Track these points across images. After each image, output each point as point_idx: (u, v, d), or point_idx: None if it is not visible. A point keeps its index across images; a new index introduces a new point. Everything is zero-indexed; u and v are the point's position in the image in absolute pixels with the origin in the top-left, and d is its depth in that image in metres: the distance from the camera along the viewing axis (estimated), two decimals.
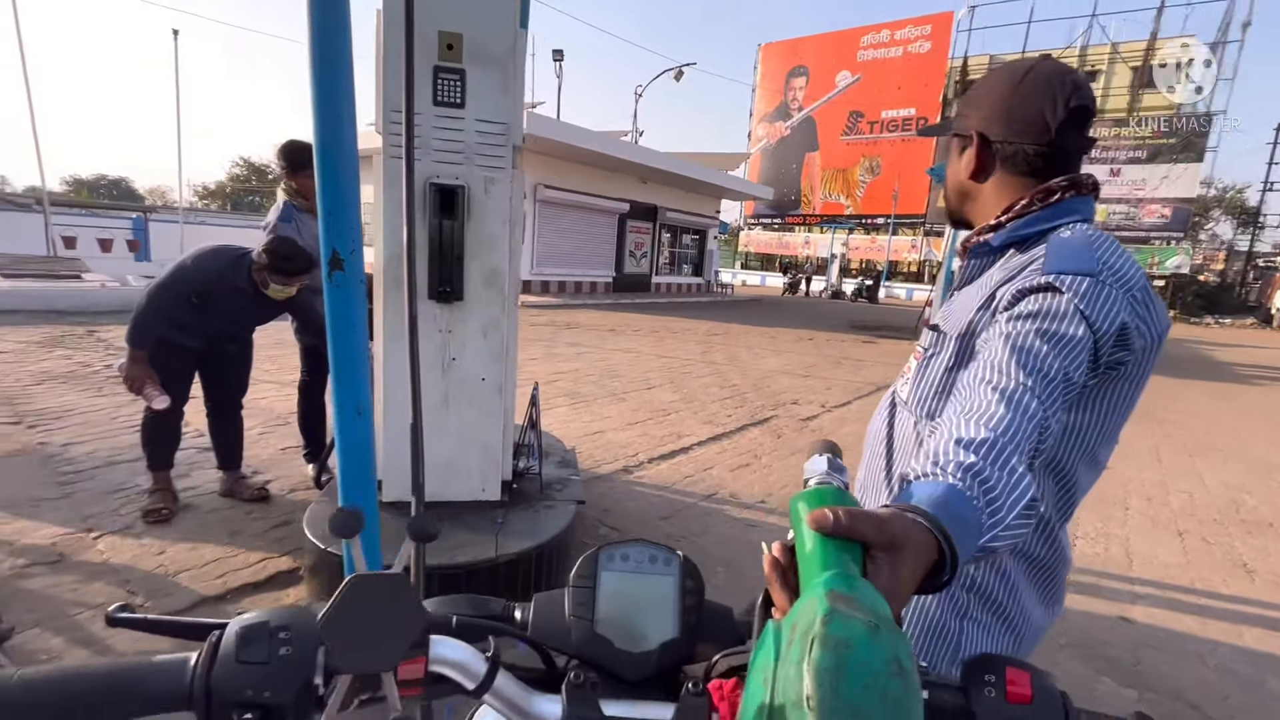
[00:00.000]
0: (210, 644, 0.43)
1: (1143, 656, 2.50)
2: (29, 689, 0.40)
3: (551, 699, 0.51)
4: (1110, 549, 3.49)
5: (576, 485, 2.97)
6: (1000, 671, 0.44)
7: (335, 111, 1.43)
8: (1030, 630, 0.93)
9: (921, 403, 0.94)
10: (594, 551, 0.57)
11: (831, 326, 14.85)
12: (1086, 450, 0.85)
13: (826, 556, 0.42)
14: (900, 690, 0.31)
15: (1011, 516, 0.57)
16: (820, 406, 6.43)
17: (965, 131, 0.94)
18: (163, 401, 2.76)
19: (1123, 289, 0.76)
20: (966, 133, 0.94)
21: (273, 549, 2.74)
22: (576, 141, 14.65)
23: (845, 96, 35.60)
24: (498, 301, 2.43)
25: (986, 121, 0.91)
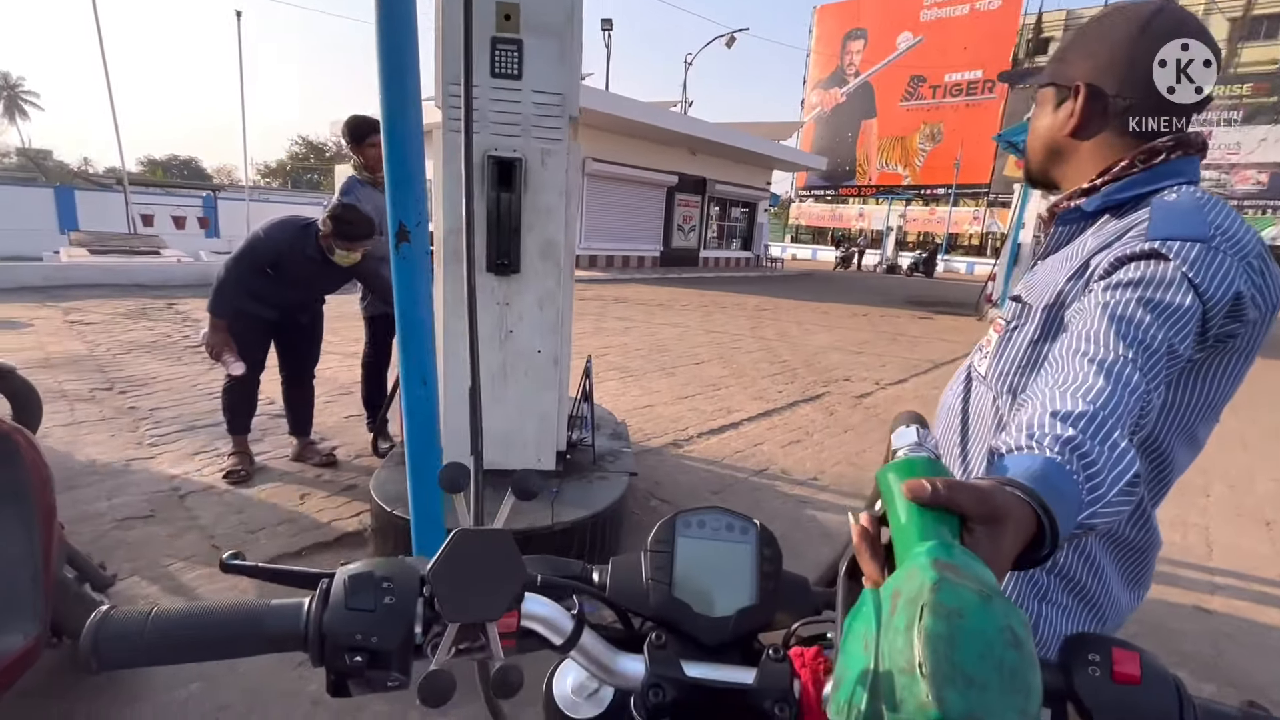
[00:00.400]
0: (321, 590, 0.45)
1: (1222, 649, 2.37)
2: (163, 624, 0.43)
3: (634, 658, 0.51)
4: (1188, 537, 3.30)
5: (628, 457, 3.00)
6: (1105, 651, 0.43)
7: (401, 86, 1.45)
8: (1114, 614, 0.89)
9: (1002, 378, 0.88)
10: (671, 517, 0.57)
11: (886, 302, 14.39)
12: (1186, 428, 0.80)
13: (924, 526, 0.41)
14: (1017, 661, 0.30)
15: (1113, 493, 0.54)
16: (874, 384, 6.27)
17: (1067, 82, 0.85)
18: (239, 368, 2.92)
19: (1237, 255, 0.70)
20: (1069, 83, 0.85)
21: (340, 511, 2.89)
22: (625, 113, 14.48)
23: (906, 59, 33.87)
24: (553, 274, 2.45)
25: (1099, 72, 0.82)
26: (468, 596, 0.43)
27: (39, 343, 5.61)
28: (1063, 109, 0.87)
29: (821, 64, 37.34)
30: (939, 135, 33.21)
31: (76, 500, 2.82)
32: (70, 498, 2.83)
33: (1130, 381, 0.62)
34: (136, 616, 0.43)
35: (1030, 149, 0.95)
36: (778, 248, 30.65)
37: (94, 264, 9.45)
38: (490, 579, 0.44)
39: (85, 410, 3.97)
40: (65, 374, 4.69)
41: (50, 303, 7.55)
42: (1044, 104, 0.91)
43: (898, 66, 34.22)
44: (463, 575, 0.44)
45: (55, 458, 3.19)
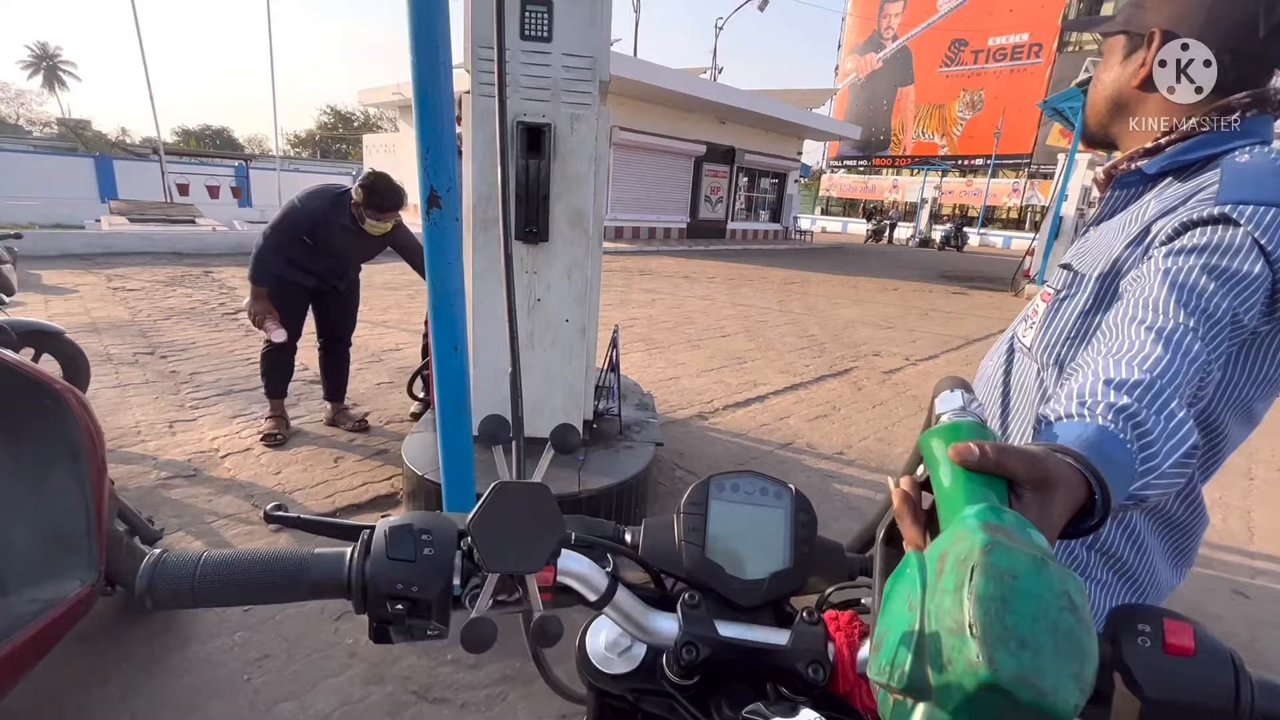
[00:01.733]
0: (363, 540, 0.46)
1: (1260, 634, 2.32)
2: (213, 568, 0.44)
3: (668, 616, 0.52)
4: (1229, 520, 3.21)
5: (654, 428, 3.01)
6: (1156, 622, 0.41)
7: (432, 50, 1.44)
8: (1155, 593, 0.86)
9: (1049, 349, 0.85)
10: (704, 481, 0.57)
11: (919, 276, 14.05)
12: (1243, 403, 0.76)
13: (971, 491, 0.40)
14: (1072, 625, 0.29)
15: (1168, 464, 0.52)
16: (904, 359, 6.16)
17: (1141, 28, 0.80)
18: (281, 334, 2.99)
19: None
20: (1143, 30, 0.79)
21: (373, 474, 2.96)
22: (653, 80, 14.19)
23: (947, 22, 32.43)
24: (582, 243, 2.44)
25: (1178, 17, 0.76)
26: (507, 548, 0.44)
27: (85, 308, 5.81)
28: (1133, 58, 0.81)
29: (858, 27, 35.98)
30: (979, 103, 31.91)
31: (124, 458, 2.95)
32: (118, 456, 2.96)
33: (1190, 351, 0.59)
34: (188, 560, 0.45)
35: (1091, 103, 0.90)
36: (807, 220, 30.02)
37: (134, 232, 9.71)
38: (529, 532, 0.44)
39: (129, 373, 4.12)
40: (110, 338, 4.86)
41: (94, 269, 7.80)
42: (1112, 53, 0.85)
43: (938, 30, 32.81)
44: (502, 527, 0.44)
45: (104, 419, 3.33)
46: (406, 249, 3.22)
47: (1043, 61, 29.41)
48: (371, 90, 21.01)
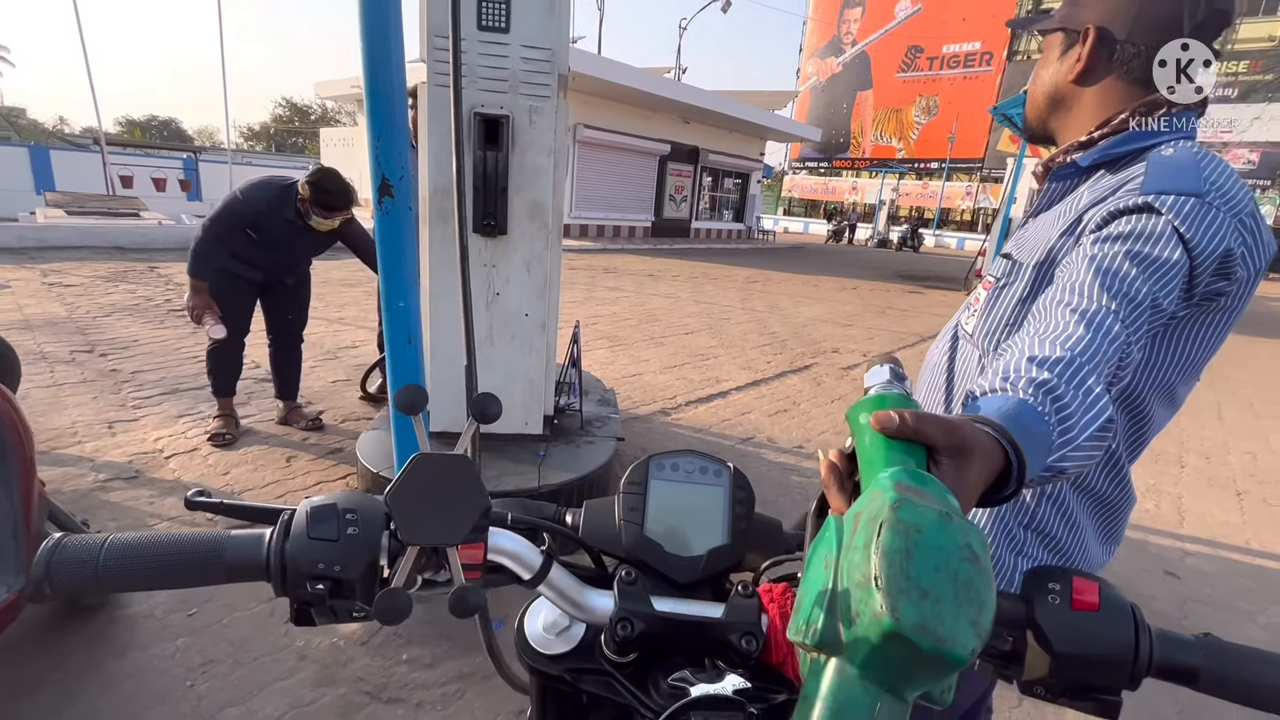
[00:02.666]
0: (283, 521, 0.45)
1: (1189, 611, 2.45)
2: (119, 551, 0.42)
3: (604, 593, 0.52)
4: (1161, 506, 3.39)
5: (615, 423, 3.01)
6: (1065, 581, 0.43)
7: (383, 36, 1.41)
8: (1087, 568, 0.91)
9: (989, 335, 0.88)
10: (644, 460, 0.57)
11: (877, 276, 14.40)
12: (1165, 385, 0.80)
13: (890, 457, 0.41)
14: (973, 574, 0.31)
15: (1084, 437, 0.55)
16: (862, 355, 6.31)
17: (1077, 26, 0.84)
18: (220, 331, 2.88)
19: (1230, 212, 0.69)
20: (1079, 27, 0.84)
21: (327, 473, 2.89)
22: (617, 79, 14.17)
23: (903, 29, 33.29)
24: (541, 236, 2.42)
25: (1110, 15, 0.81)
26: (427, 520, 0.43)
27: (16, 304, 5.50)
28: (1069, 54, 0.86)
29: (819, 32, 36.62)
30: (934, 108, 32.85)
31: (59, 460, 2.80)
32: (52, 458, 2.81)
33: (1110, 331, 0.62)
34: (91, 543, 0.43)
35: (1031, 98, 0.94)
36: (770, 220, 30.41)
37: (72, 225, 9.21)
38: (451, 504, 0.44)
39: (66, 372, 3.92)
40: (44, 336, 4.61)
41: (28, 264, 7.38)
42: (1050, 50, 0.90)
43: (895, 36, 33.64)
44: (422, 499, 0.44)
45: (36, 419, 3.16)
46: (358, 244, 3.14)
47: (993, 69, 30.44)
48: (329, 83, 20.41)
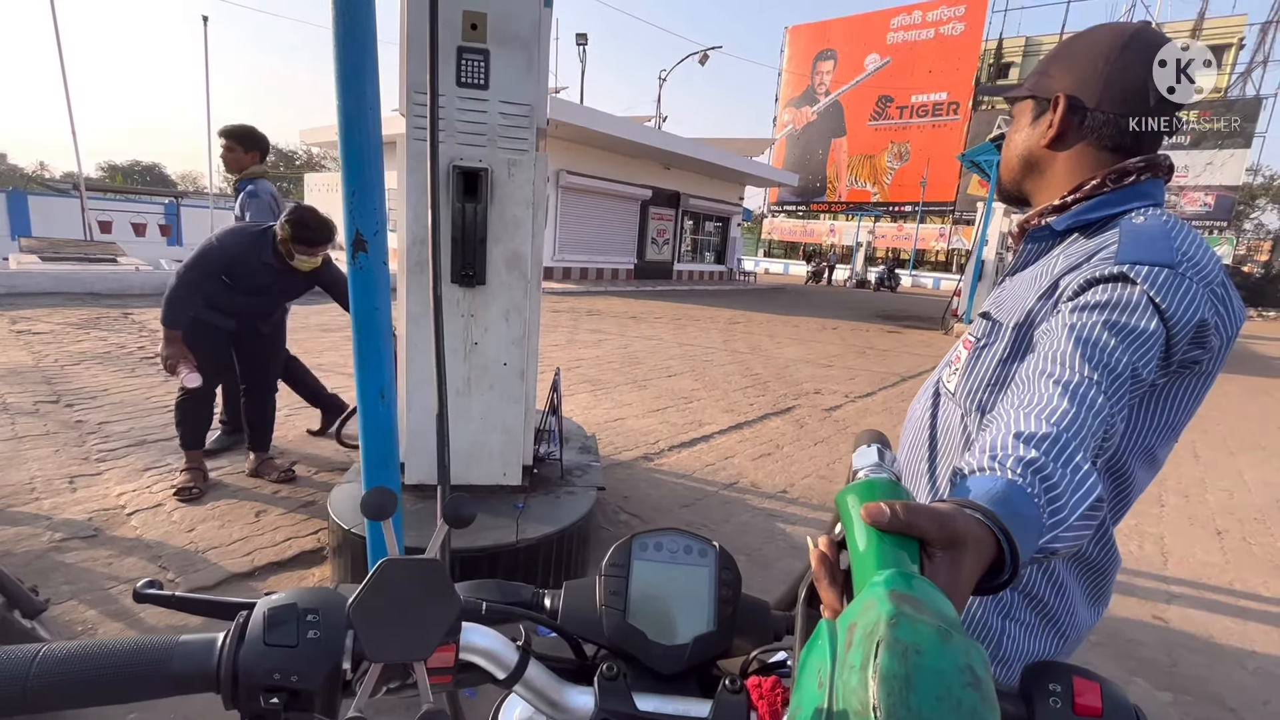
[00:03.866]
0: (238, 624, 0.41)
1: (1178, 658, 2.42)
2: (54, 665, 0.39)
3: (583, 690, 0.49)
4: (1145, 547, 3.39)
5: (596, 471, 2.96)
6: (1066, 680, 0.41)
7: (359, 89, 1.42)
8: (1075, 632, 0.88)
9: (971, 395, 0.88)
10: (627, 540, 0.55)
11: (856, 316, 14.63)
12: (1146, 449, 0.80)
13: (883, 553, 0.39)
14: (975, 702, 0.29)
15: (1074, 517, 0.53)
16: (844, 397, 6.34)
17: (1048, 94, 0.86)
18: (194, 380, 2.82)
19: (1203, 283, 0.70)
20: (1049, 95, 0.86)
21: (298, 529, 2.78)
22: (599, 127, 14.56)
23: (874, 80, 34.82)
24: (520, 285, 2.42)
25: (1080, 84, 0.83)
26: (394, 633, 0.40)
27: None
28: (1041, 121, 0.87)
29: (793, 83, 38.14)
30: (906, 154, 34.10)
31: (13, 519, 2.67)
32: (6, 517, 2.68)
33: (1094, 404, 0.62)
34: (22, 656, 0.39)
35: (1005, 162, 0.95)
36: (751, 262, 30.99)
37: (45, 271, 9.07)
38: (420, 613, 0.41)
39: (28, 424, 3.78)
40: (7, 386, 4.47)
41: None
42: (1022, 116, 0.92)
43: (866, 87, 35.13)
44: (389, 609, 0.40)
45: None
46: (334, 286, 3.12)
47: (960, 118, 31.82)
48: (313, 130, 20.70)
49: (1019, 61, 31.60)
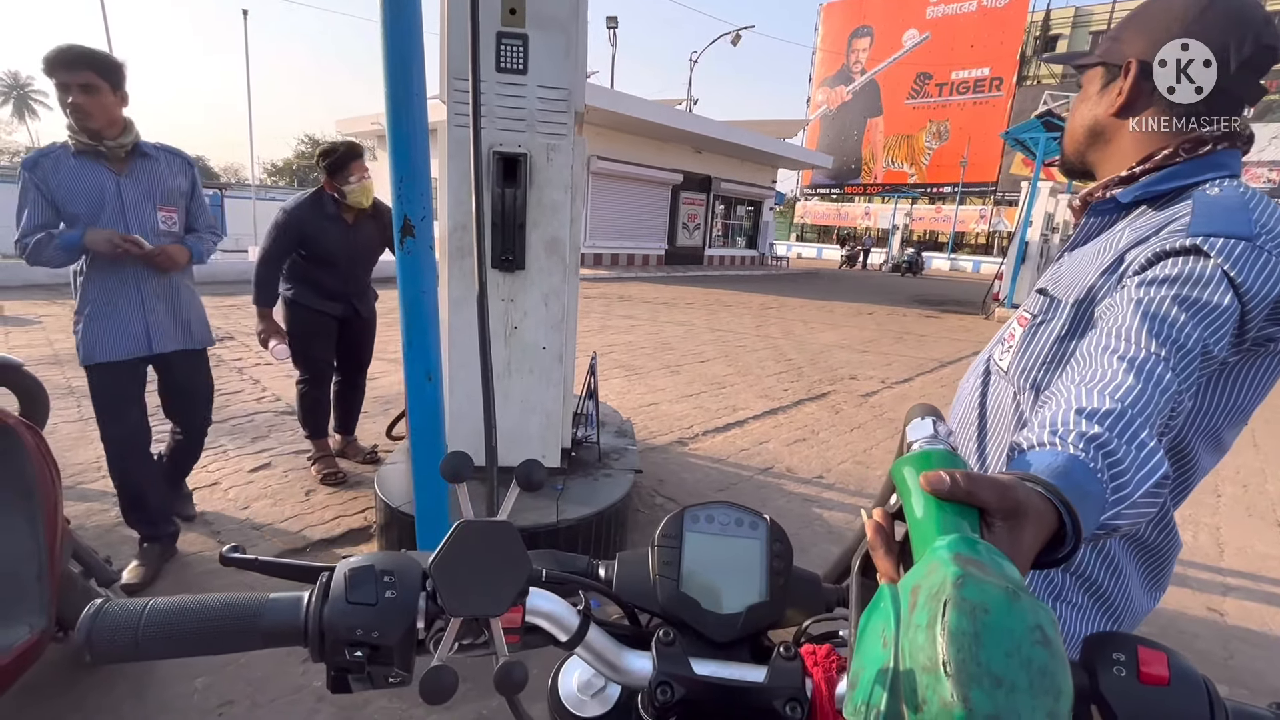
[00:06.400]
0: (321, 584, 0.44)
1: (1234, 650, 2.34)
2: (160, 617, 0.42)
3: (641, 655, 0.50)
4: (1199, 537, 3.27)
5: (633, 455, 2.99)
6: (1130, 650, 0.41)
7: (406, 82, 1.44)
8: (1130, 617, 0.87)
9: (1025, 373, 0.85)
10: (679, 512, 0.56)
11: (892, 301, 14.33)
12: (1212, 431, 0.77)
13: (943, 520, 0.39)
14: (1046, 660, 0.29)
15: (1139, 494, 0.52)
16: (880, 382, 6.24)
17: (1118, 60, 0.82)
18: (284, 353, 2.93)
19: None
20: (1120, 61, 0.82)
21: (345, 507, 2.89)
22: (630, 111, 14.47)
23: (912, 57, 33.70)
24: (559, 270, 2.44)
25: (1154, 49, 0.78)
26: (471, 590, 0.42)
27: (48, 339, 5.64)
28: (1110, 89, 0.84)
29: (827, 61, 37.20)
30: (945, 133, 33.05)
31: (84, 495, 2.84)
32: (77, 493, 2.84)
33: (1162, 380, 0.60)
34: (132, 609, 0.42)
35: (1070, 132, 0.92)
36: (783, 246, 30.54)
37: None
38: (494, 572, 0.43)
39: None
40: (74, 371, 4.71)
41: (59, 300, 7.59)
42: (1090, 84, 0.88)
43: (904, 64, 34.06)
44: (466, 568, 0.43)
45: (63, 454, 3.20)
46: None
47: (1003, 94, 30.65)
48: (349, 120, 21.03)
49: (1067, 33, 30.22)
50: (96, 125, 2.02)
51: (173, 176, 2.26)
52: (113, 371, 2.22)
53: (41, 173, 2.04)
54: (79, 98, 1.97)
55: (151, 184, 2.19)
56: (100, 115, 2.01)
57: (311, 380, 3.13)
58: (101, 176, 2.09)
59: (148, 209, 2.18)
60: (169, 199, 2.24)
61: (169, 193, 2.23)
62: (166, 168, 2.24)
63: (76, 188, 2.06)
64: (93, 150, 2.06)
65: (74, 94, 1.96)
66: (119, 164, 2.12)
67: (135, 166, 2.16)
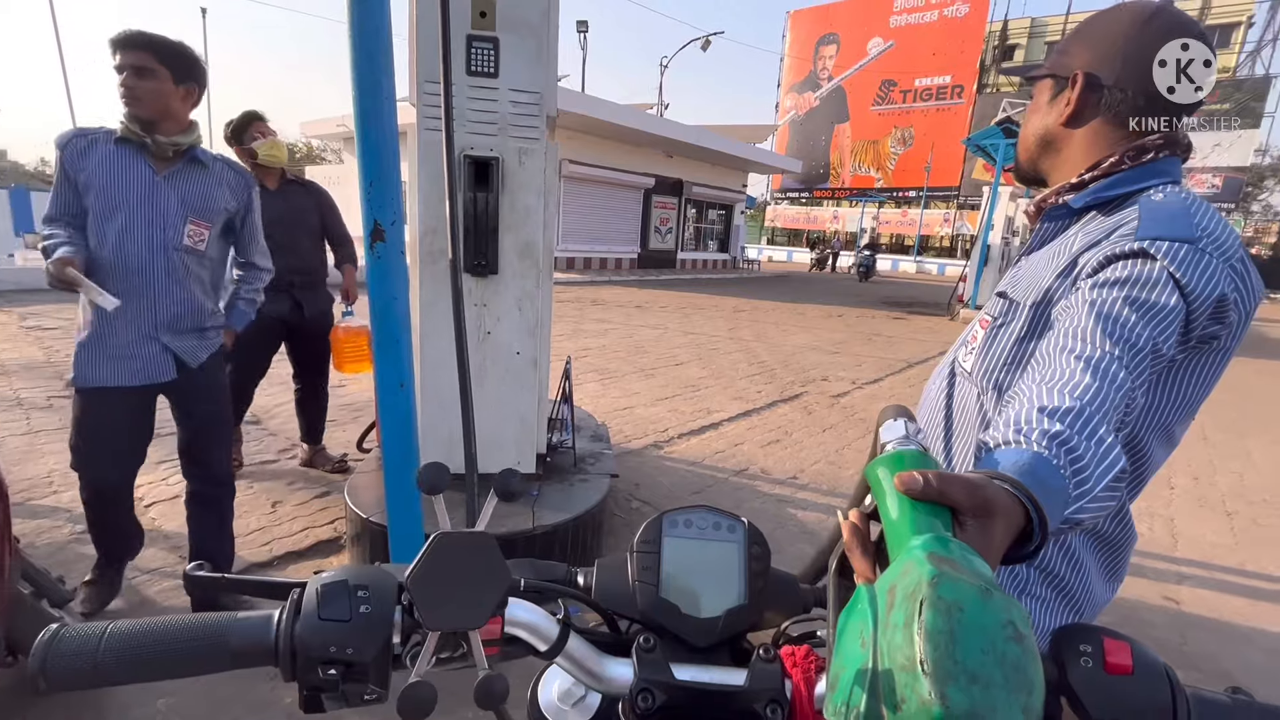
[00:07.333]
0: (293, 601, 0.43)
1: (1189, 637, 2.44)
2: (120, 641, 0.40)
3: (622, 662, 0.50)
4: (1154, 528, 3.40)
5: (609, 459, 2.98)
6: (1096, 641, 0.42)
7: (375, 84, 1.42)
8: (1090, 608, 0.90)
9: (988, 374, 0.89)
10: (657, 517, 0.56)
11: (861, 303, 14.59)
12: (1163, 425, 0.81)
13: (917, 520, 0.40)
14: (1019, 655, 0.30)
15: (1099, 488, 0.55)
16: (851, 383, 6.34)
17: (1066, 72, 0.86)
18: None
19: (1222, 258, 0.71)
20: (1068, 73, 0.86)
21: (314, 519, 2.82)
22: (601, 115, 14.48)
23: (877, 64, 34.46)
24: (532, 274, 2.43)
25: (1098, 62, 0.83)
26: (449, 603, 0.41)
27: None
28: (1059, 99, 0.88)
29: (795, 68, 37.79)
30: (910, 139, 33.83)
31: (34, 512, 2.71)
32: (26, 510, 2.72)
33: (1116, 378, 0.63)
34: (90, 633, 0.41)
35: (1023, 141, 0.96)
36: (754, 249, 30.88)
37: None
38: (472, 584, 0.42)
39: (43, 419, 3.82)
40: (21, 381, 4.51)
41: (5, 308, 7.26)
42: (1041, 95, 0.92)
43: (869, 71, 34.79)
44: (444, 581, 0.42)
45: (11, 469, 3.06)
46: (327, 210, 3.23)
47: (964, 102, 31.54)
48: (314, 122, 20.63)
49: (1024, 43, 31.24)
50: (146, 114, 1.81)
51: (221, 191, 2.01)
52: (101, 398, 2.07)
53: (72, 153, 1.82)
54: (130, 80, 1.78)
55: (191, 192, 1.93)
56: (152, 103, 1.81)
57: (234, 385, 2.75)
58: (135, 170, 1.85)
59: (177, 218, 1.91)
60: (207, 214, 1.98)
61: (209, 207, 1.98)
62: (217, 180, 2.00)
63: (100, 176, 1.82)
64: (138, 141, 1.84)
65: (126, 75, 1.78)
66: (163, 163, 1.89)
67: (180, 170, 1.92)
